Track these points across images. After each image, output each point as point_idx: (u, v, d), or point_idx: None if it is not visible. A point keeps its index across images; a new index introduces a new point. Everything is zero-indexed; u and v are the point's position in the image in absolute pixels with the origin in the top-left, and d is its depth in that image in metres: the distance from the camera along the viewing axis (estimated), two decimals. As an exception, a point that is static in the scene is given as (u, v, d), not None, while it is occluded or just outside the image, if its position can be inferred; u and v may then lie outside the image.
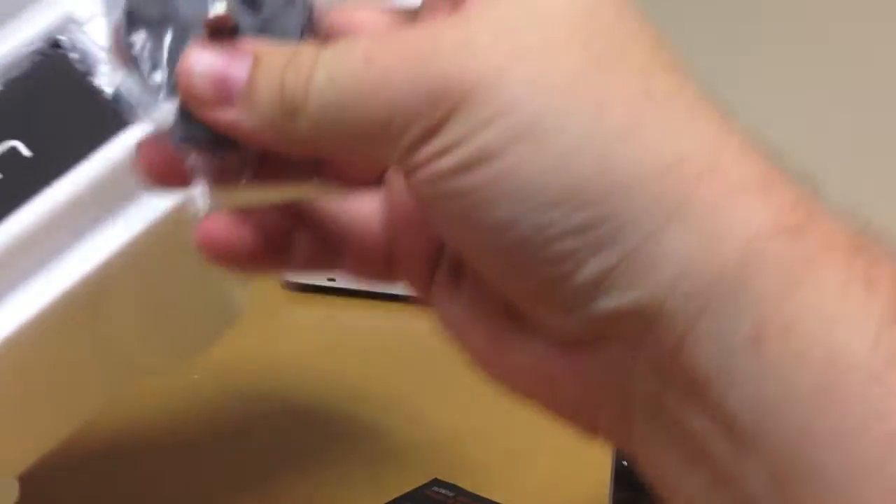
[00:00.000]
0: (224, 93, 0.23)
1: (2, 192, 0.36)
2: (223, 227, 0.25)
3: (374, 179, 0.27)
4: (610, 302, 0.21)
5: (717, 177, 0.21)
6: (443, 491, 0.49)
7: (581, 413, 0.24)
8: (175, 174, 0.25)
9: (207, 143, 0.24)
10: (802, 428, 0.20)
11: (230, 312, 0.39)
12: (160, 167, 0.26)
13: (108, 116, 0.35)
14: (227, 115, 0.23)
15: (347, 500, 0.53)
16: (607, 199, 0.21)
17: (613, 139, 0.21)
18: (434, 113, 0.21)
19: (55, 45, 0.39)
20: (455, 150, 0.21)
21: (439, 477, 0.50)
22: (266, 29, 0.24)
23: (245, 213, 0.26)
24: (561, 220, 0.21)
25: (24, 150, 0.37)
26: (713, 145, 0.21)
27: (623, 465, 0.46)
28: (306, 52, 0.23)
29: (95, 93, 0.38)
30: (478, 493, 0.49)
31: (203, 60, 0.23)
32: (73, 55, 0.39)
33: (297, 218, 0.26)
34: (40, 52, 0.39)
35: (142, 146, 0.26)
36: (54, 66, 0.39)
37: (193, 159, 0.25)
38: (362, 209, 0.27)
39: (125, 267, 0.36)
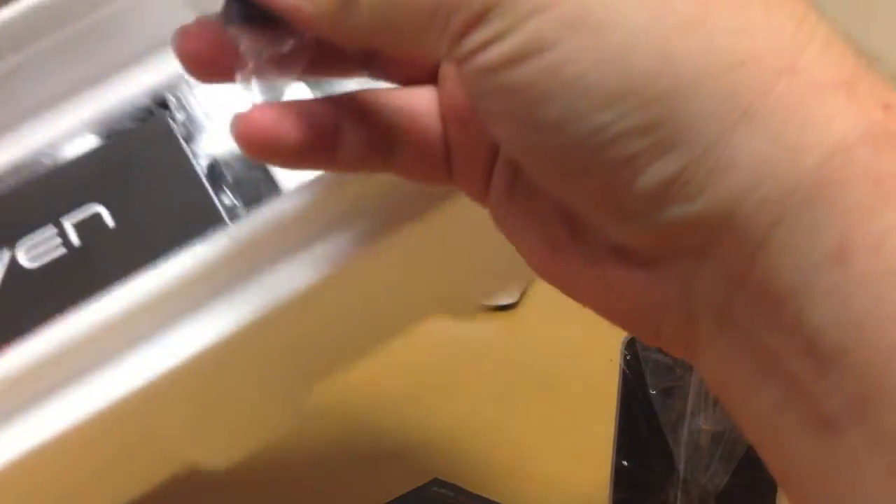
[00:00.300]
0: None
1: (77, 264, 0.35)
2: (267, 118, 0.24)
3: (428, 76, 0.26)
4: (675, 211, 0.20)
5: (797, 75, 0.19)
6: (443, 491, 0.49)
7: (641, 322, 0.23)
8: (220, 65, 0.24)
9: (265, 24, 0.23)
10: (894, 346, 0.18)
11: (289, 416, 0.35)
12: (206, 56, 0.25)
13: (199, 200, 0.35)
14: (294, 2, 0.22)
15: (347, 500, 0.53)
16: (670, 97, 0.19)
17: (676, 32, 0.19)
18: (478, 7, 0.20)
19: (162, 103, 0.38)
20: (502, 40, 0.20)
21: (439, 477, 0.50)
22: None
23: (291, 103, 0.24)
24: (619, 120, 0.19)
25: (108, 219, 0.35)
26: (793, 41, 0.19)
27: (623, 465, 0.46)
28: None
29: (191, 168, 0.36)
30: (478, 493, 0.49)
31: None
32: (179, 116, 0.37)
33: (349, 110, 0.25)
34: (145, 109, 0.38)
35: (186, 33, 0.25)
36: (156, 126, 0.37)
37: (246, 46, 0.24)
38: (418, 105, 0.26)
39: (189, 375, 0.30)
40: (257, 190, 0.36)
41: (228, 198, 0.36)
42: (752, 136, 0.19)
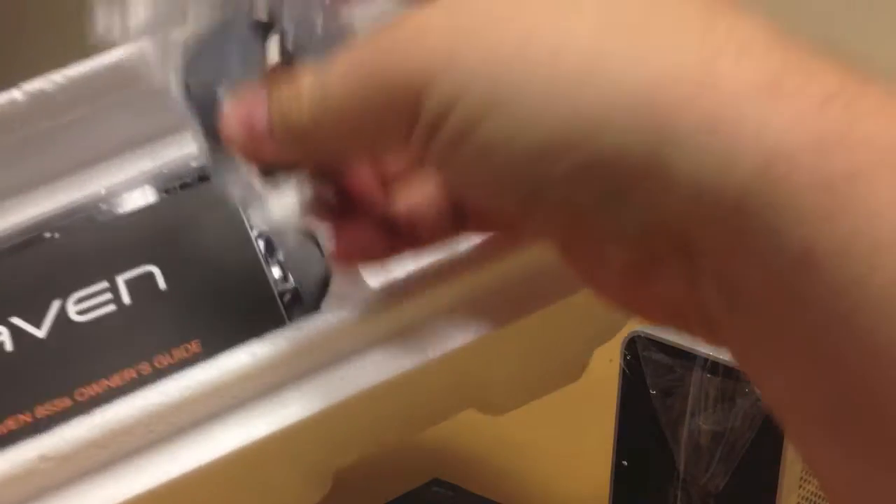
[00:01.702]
0: (254, 132, 0.26)
1: (125, 323, 0.34)
2: (356, 238, 0.28)
3: None
4: (635, 220, 0.21)
5: (708, 90, 0.19)
6: (443, 491, 0.49)
7: (674, 319, 0.23)
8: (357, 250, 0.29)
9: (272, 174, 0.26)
10: (873, 349, 0.18)
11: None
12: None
13: (251, 272, 0.35)
14: (266, 150, 0.26)
15: (348, 499, 0.53)
16: (585, 142, 0.20)
17: (576, 78, 0.20)
18: (405, 107, 0.22)
19: None
20: (439, 133, 0.22)
21: (439, 477, 0.50)
22: (321, 48, 0.26)
23: (371, 220, 0.28)
24: (558, 164, 0.21)
25: (161, 281, 0.35)
26: (699, 57, 0.19)
27: (623, 465, 0.46)
28: (306, 75, 0.25)
29: (246, 236, 0.36)
30: (478, 493, 0.49)
31: (233, 113, 0.26)
32: (233, 181, 0.38)
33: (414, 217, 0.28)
34: (205, 170, 0.38)
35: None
36: (215, 189, 0.35)
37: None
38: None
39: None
40: (309, 266, 0.36)
41: (280, 271, 0.36)
42: (679, 159, 0.19)
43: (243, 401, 0.30)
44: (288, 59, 0.26)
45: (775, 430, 0.40)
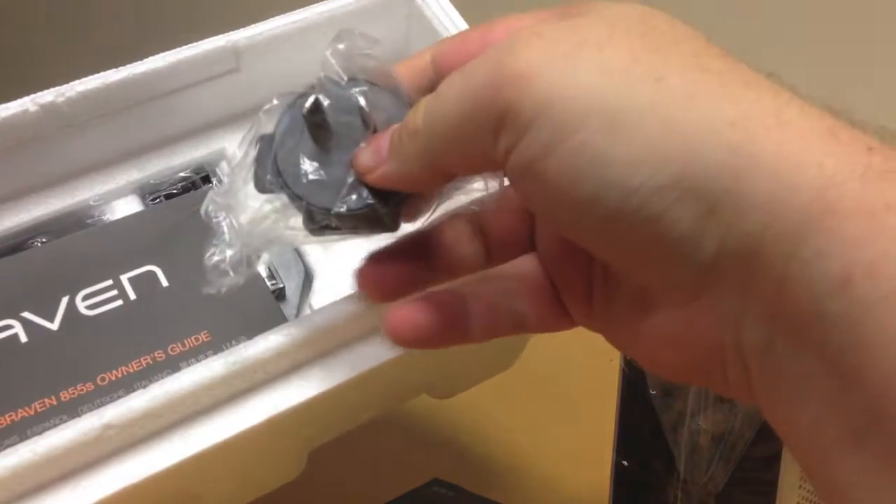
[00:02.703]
0: (379, 157, 0.29)
1: (134, 317, 0.37)
2: (407, 313, 0.30)
3: (527, 246, 0.31)
4: (709, 249, 0.23)
5: (783, 128, 0.22)
6: (443, 491, 0.49)
7: (710, 371, 0.26)
8: (389, 290, 0.31)
9: (374, 202, 0.29)
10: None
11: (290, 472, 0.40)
12: (376, 285, 0.31)
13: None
14: (381, 171, 0.29)
15: (348, 499, 0.53)
16: (677, 159, 0.23)
17: (674, 106, 0.23)
18: (494, 110, 0.24)
19: (205, 178, 0.41)
20: (526, 137, 0.24)
21: (439, 477, 0.50)
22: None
23: (428, 298, 0.30)
24: (647, 181, 0.23)
25: (163, 279, 0.38)
26: (774, 104, 0.23)
27: (623, 465, 0.46)
28: (413, 112, 0.28)
29: None
30: (478, 493, 0.49)
31: (366, 149, 0.29)
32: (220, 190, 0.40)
33: (475, 297, 0.30)
34: (189, 181, 0.41)
35: (359, 274, 0.31)
36: (202, 197, 0.39)
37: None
38: (524, 270, 0.31)
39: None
40: (290, 268, 0.40)
41: (266, 271, 0.40)
42: (757, 181, 0.22)
43: (274, 376, 0.34)
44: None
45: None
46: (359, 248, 0.42)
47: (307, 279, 0.40)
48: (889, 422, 0.21)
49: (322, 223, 0.30)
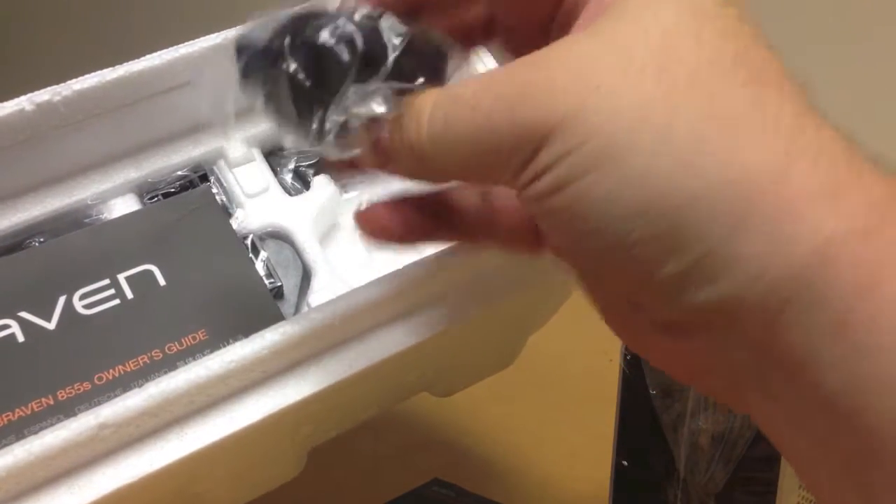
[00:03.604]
0: (382, 155, 0.28)
1: (132, 317, 0.37)
2: (380, 215, 0.31)
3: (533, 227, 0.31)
4: (696, 296, 0.24)
5: (785, 186, 0.23)
6: (443, 491, 0.49)
7: (700, 380, 0.27)
8: (387, 233, 0.31)
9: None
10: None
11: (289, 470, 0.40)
12: (376, 229, 0.31)
13: (241, 267, 0.38)
14: (388, 169, 0.29)
15: (348, 499, 0.53)
16: (677, 211, 0.23)
17: (680, 158, 0.23)
18: (528, 147, 0.25)
19: (203, 177, 0.41)
20: (545, 175, 0.25)
21: (439, 477, 0.50)
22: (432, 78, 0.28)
23: (400, 204, 0.31)
24: (639, 229, 0.24)
25: (160, 278, 0.38)
26: (781, 158, 0.23)
27: (623, 465, 0.46)
28: (419, 101, 0.27)
29: (233, 237, 0.39)
30: (478, 493, 0.49)
31: (367, 152, 0.29)
32: (218, 189, 0.41)
33: (446, 207, 0.31)
34: (186, 179, 0.41)
35: (361, 215, 0.31)
36: (200, 196, 0.40)
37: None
38: (506, 201, 0.31)
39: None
40: (287, 266, 0.40)
41: (264, 269, 0.39)
42: (751, 235, 0.23)
43: (271, 374, 0.34)
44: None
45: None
46: (358, 245, 0.42)
47: (305, 277, 0.40)
48: (886, 466, 0.21)
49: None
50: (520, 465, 0.53)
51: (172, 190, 0.41)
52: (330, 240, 0.42)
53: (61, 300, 0.36)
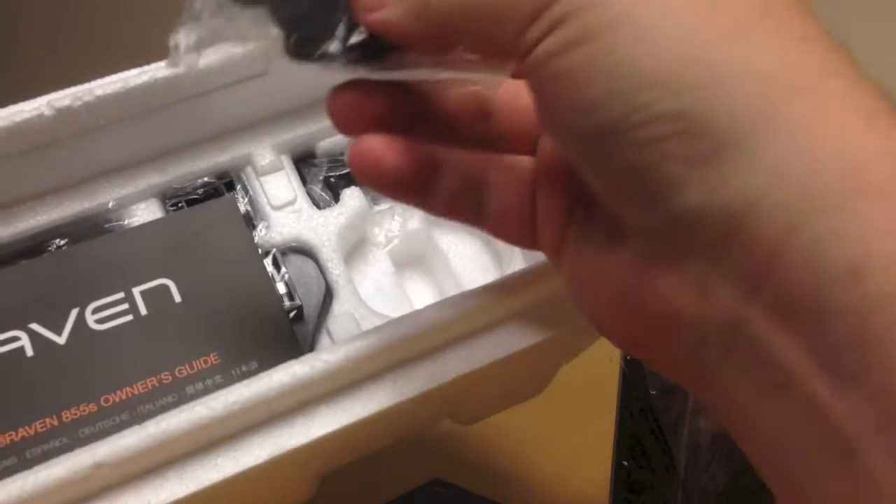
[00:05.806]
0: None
1: (142, 331, 0.36)
2: (375, 145, 0.28)
3: (529, 149, 0.29)
4: (693, 198, 0.21)
5: (817, 96, 0.20)
6: (443, 491, 0.49)
7: (657, 345, 0.24)
8: (361, 120, 0.28)
9: (369, 49, 0.27)
10: None
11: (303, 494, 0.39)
12: (348, 113, 0.28)
13: (260, 285, 0.37)
14: (381, 16, 0.26)
15: (348, 499, 0.53)
16: (702, 89, 0.21)
17: (721, 35, 0.21)
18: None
19: (229, 184, 0.40)
20: (557, 30, 0.22)
21: (439, 477, 0.50)
22: None
23: (399, 139, 0.28)
24: (653, 104, 0.21)
25: (176, 294, 0.37)
26: (820, 70, 0.21)
27: (623, 465, 0.46)
28: None
29: (255, 252, 0.38)
30: (478, 493, 0.49)
31: None
32: (243, 199, 0.39)
33: (449, 159, 0.29)
34: (212, 186, 0.40)
35: (334, 95, 0.28)
36: (224, 205, 0.39)
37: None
38: (512, 167, 0.29)
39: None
40: (310, 286, 0.39)
41: (285, 288, 0.38)
42: (773, 139, 0.20)
43: (279, 414, 0.32)
44: None
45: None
46: (383, 263, 0.40)
47: (328, 296, 0.39)
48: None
49: (303, 53, 0.28)
50: (520, 465, 0.53)
51: (197, 196, 0.40)
52: (355, 257, 0.41)
53: (73, 313, 0.36)
